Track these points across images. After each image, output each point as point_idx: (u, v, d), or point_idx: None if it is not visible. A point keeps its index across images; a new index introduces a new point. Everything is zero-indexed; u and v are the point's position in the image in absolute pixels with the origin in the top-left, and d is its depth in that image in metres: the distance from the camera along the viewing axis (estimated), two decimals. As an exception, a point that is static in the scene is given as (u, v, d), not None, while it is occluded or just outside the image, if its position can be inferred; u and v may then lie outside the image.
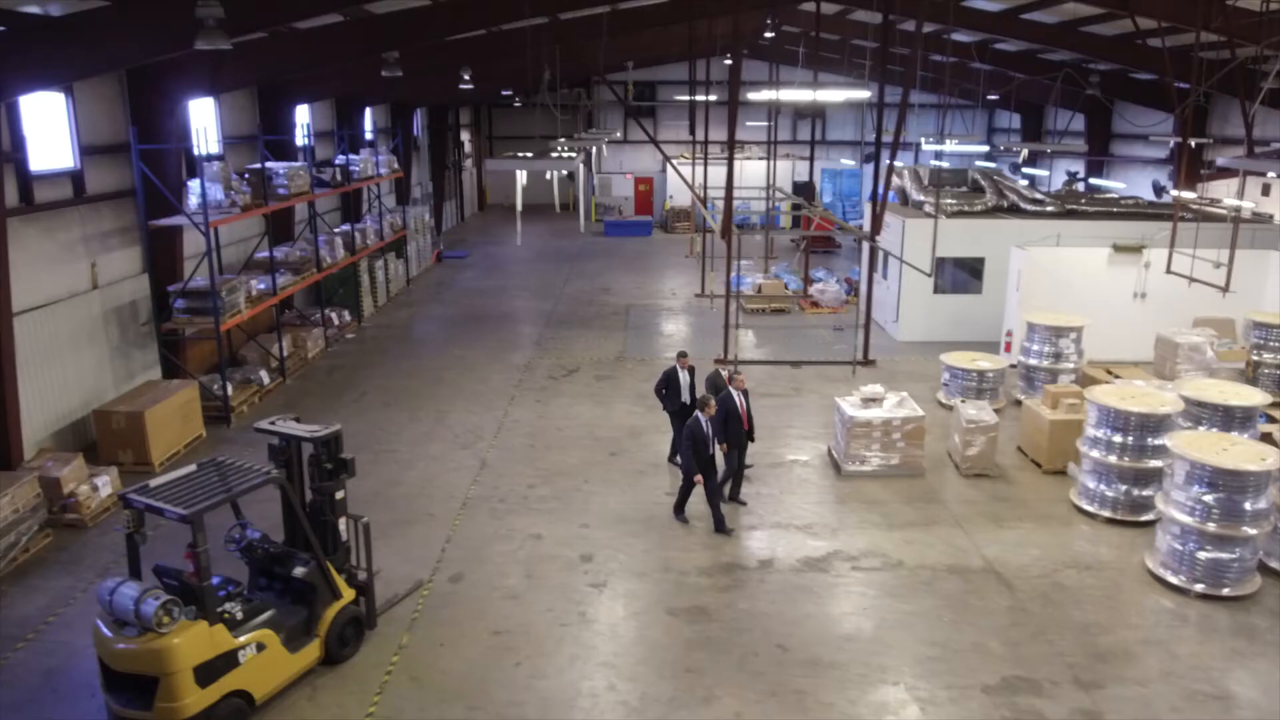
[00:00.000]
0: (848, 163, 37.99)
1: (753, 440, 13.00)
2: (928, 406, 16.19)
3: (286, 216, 20.51)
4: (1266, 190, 23.05)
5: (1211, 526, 10.47)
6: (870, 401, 13.67)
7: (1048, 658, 9.41)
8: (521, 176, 39.58)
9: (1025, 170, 32.00)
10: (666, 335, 21.75)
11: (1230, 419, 12.57)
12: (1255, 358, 16.91)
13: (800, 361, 19.00)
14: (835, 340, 20.94)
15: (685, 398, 13.46)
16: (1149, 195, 26.58)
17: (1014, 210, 21.43)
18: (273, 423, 9.70)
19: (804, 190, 36.91)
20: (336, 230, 21.98)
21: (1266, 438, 12.29)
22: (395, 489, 13.32)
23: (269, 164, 18.03)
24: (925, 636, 9.80)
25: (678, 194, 36.25)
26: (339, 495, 9.61)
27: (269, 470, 9.02)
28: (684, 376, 13.60)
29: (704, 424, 11.76)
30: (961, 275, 20.88)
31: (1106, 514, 12.37)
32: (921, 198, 21.50)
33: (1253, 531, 10.49)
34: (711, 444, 11.90)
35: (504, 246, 34.71)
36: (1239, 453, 10.70)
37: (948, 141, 24.89)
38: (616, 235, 35.93)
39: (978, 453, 13.55)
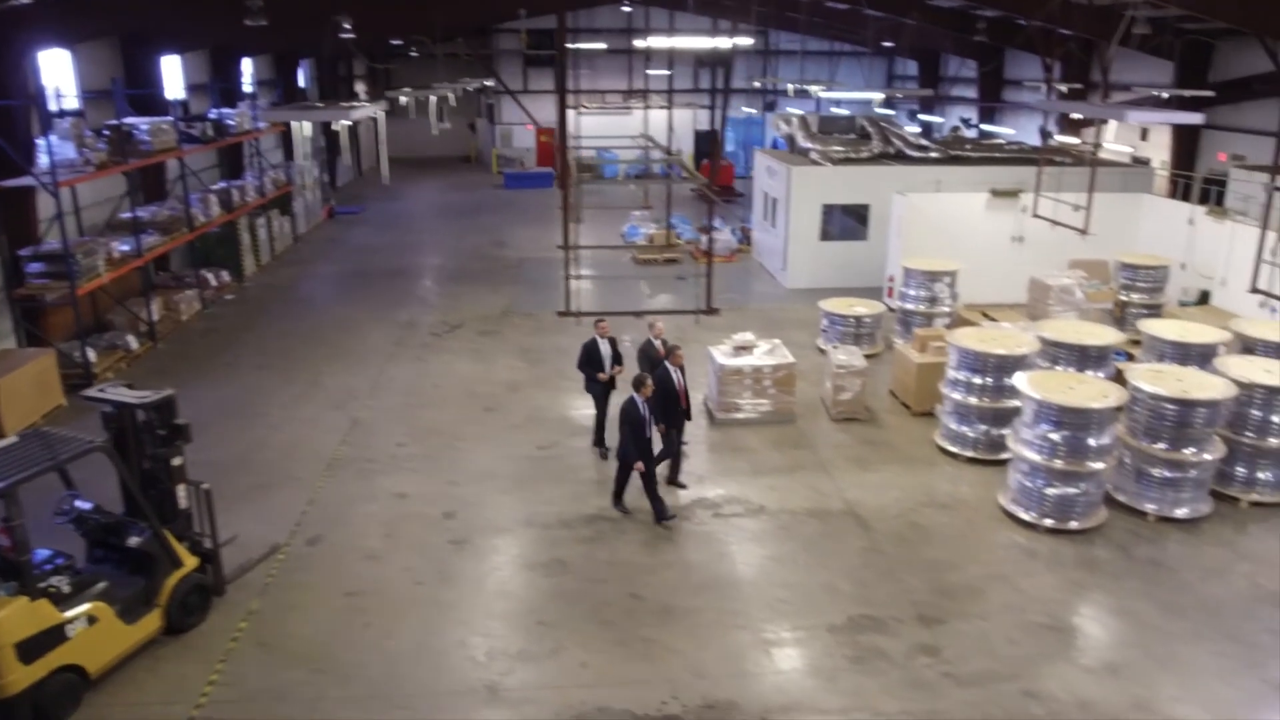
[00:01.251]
0: (749, 110, 37.91)
1: (689, 419, 12.00)
2: (808, 353, 16.41)
3: (157, 175, 19.65)
4: (1145, 135, 23.63)
5: (1058, 463, 10.76)
6: (741, 350, 13.70)
7: (895, 596, 9.62)
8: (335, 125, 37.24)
9: (921, 117, 32.29)
10: (557, 289, 21.48)
11: (1086, 358, 12.89)
12: (1124, 298, 17.39)
13: (642, 312, 18.92)
14: (679, 289, 20.76)
15: (609, 370, 12.56)
16: (1038, 141, 27.07)
17: (899, 157, 21.61)
18: (101, 390, 9.30)
19: (708, 139, 36.85)
20: (213, 188, 21.15)
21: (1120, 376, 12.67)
22: (261, 453, 12.99)
23: (130, 119, 17.23)
24: (779, 580, 9.94)
25: (586, 144, 35.75)
26: (175, 462, 9.28)
27: (93, 440, 8.66)
28: (604, 347, 12.56)
29: (640, 406, 10.83)
30: (849, 222, 21.03)
31: (969, 454, 12.66)
32: (809, 145, 21.53)
33: (1097, 466, 10.82)
34: (649, 426, 10.96)
35: (402, 201, 33.94)
36: (1084, 391, 10.99)
37: (833, 89, 24.90)
38: (516, 188, 35.33)
39: (848, 398, 13.72)
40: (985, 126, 28.90)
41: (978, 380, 12.44)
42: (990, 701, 8.11)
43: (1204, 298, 17.58)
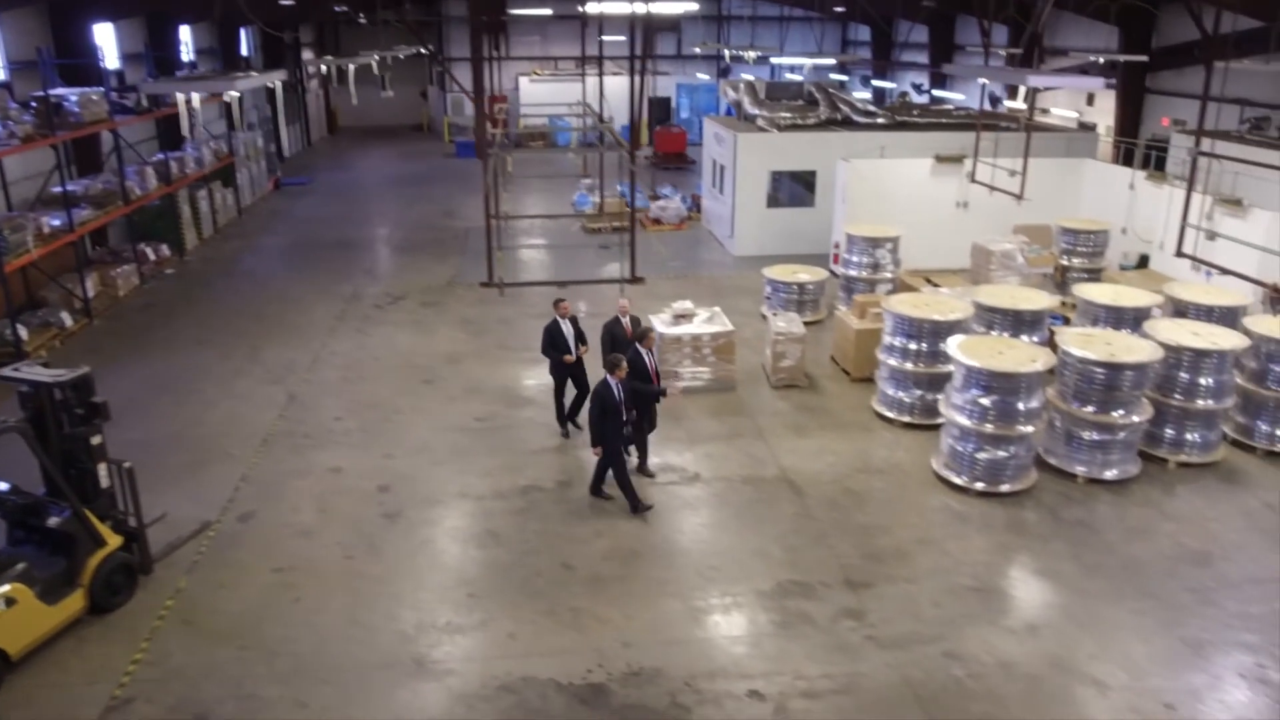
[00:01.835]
0: (703, 76, 37.68)
1: (658, 401, 11.52)
2: (753, 320, 16.44)
3: (91, 147, 19.19)
4: (1091, 100, 23.78)
5: (988, 427, 10.87)
6: (681, 318, 13.69)
7: (824, 561, 9.70)
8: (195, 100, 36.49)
9: (874, 83, 32.25)
10: (517, 257, 21.31)
11: (1020, 323, 13.00)
12: (1064, 262, 17.54)
13: (567, 282, 18.85)
14: (603, 258, 20.61)
15: (575, 351, 12.04)
16: (987, 106, 27.15)
17: (847, 123, 21.58)
18: (16, 369, 9.10)
19: (661, 106, 36.63)
20: (150, 160, 20.68)
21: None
22: (196, 429, 12.82)
23: (59, 90, 16.79)
24: (711, 547, 9.99)
25: (531, 111, 35.38)
26: (95, 440, 9.12)
27: (7, 420, 8.49)
28: (566, 327, 12.04)
29: (615, 389, 10.33)
30: (797, 189, 21.01)
31: (905, 419, 12.76)
32: (756, 112, 21.43)
33: (1027, 430, 10.95)
34: (625, 411, 10.47)
35: (351, 172, 33.47)
36: (1013, 356, 11.09)
37: (785, 55, 24.76)
38: (468, 156, 34.71)
39: (788, 365, 13.77)
40: (936, 92, 28.93)
41: (913, 346, 12.52)
42: (911, 663, 8.22)
43: (1143, 261, 17.80)
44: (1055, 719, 7.61)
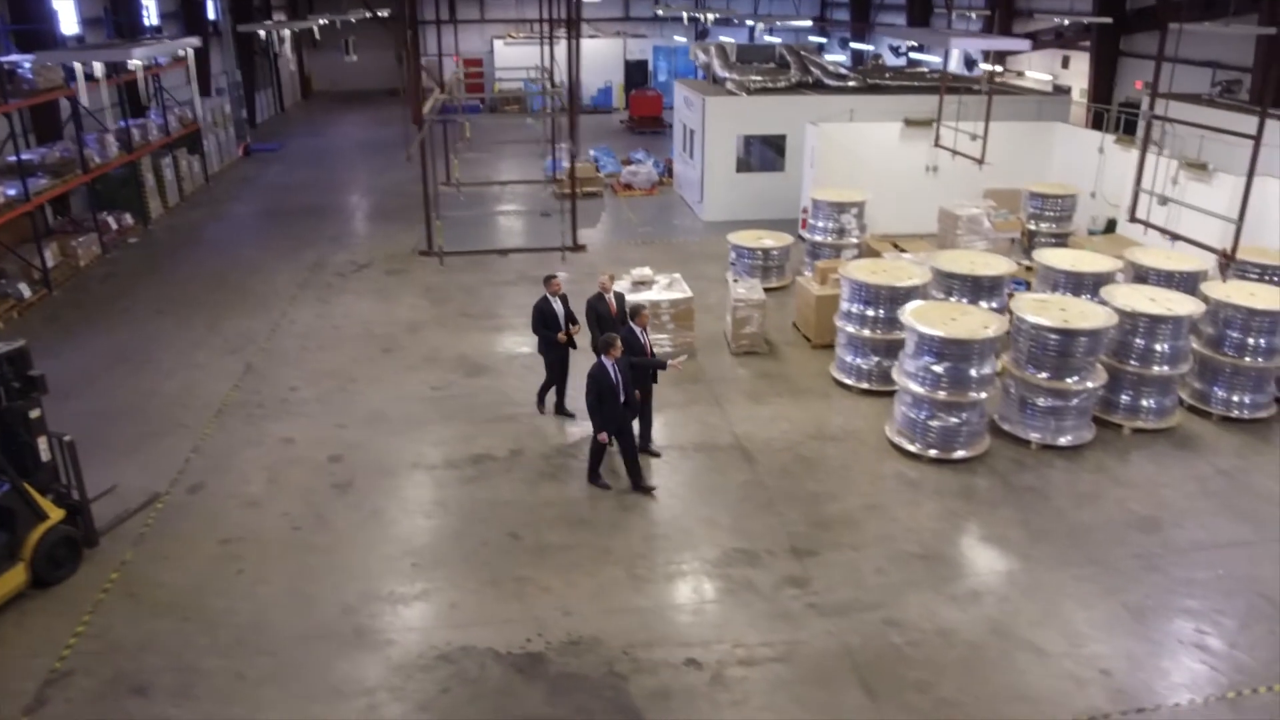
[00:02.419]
0: (680, 39, 37.23)
1: (655, 381, 11.12)
2: (717, 287, 16.33)
3: (51, 115, 18.88)
4: (1066, 63, 23.56)
5: (941, 394, 10.84)
6: (640, 284, 13.59)
7: (772, 529, 9.69)
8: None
9: (853, 45, 31.92)
10: (474, 226, 21.16)
11: (979, 289, 12.95)
12: (1032, 227, 17.47)
13: (506, 250, 18.68)
14: (544, 224, 20.38)
15: (562, 325, 11.62)
16: (964, 69, 26.89)
17: (818, 86, 21.36)
18: (-50, 343, 8.99)
19: (639, 69, 36.25)
20: (111, 127, 20.37)
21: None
22: (151, 400, 12.72)
23: (13, 57, 16.49)
24: (658, 515, 9.98)
25: (506, 75, 35.04)
26: (33, 414, 9.03)
27: (-63, 393, 8.39)
28: (556, 305, 11.58)
29: (610, 370, 9.90)
30: (767, 153, 20.83)
31: (863, 386, 12.72)
32: (726, 75, 21.19)
33: (979, 397, 10.92)
34: (621, 392, 10.03)
35: (323, 137, 33.08)
36: (966, 322, 11.03)
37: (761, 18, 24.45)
38: (442, 120, 34.37)
39: (748, 331, 13.70)
40: (915, 55, 28.63)
41: (870, 312, 12.46)
42: (851, 630, 8.23)
43: (1111, 226, 17.72)
44: (991, 686, 7.63)
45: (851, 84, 21.22)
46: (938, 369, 10.84)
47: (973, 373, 10.85)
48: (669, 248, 19.03)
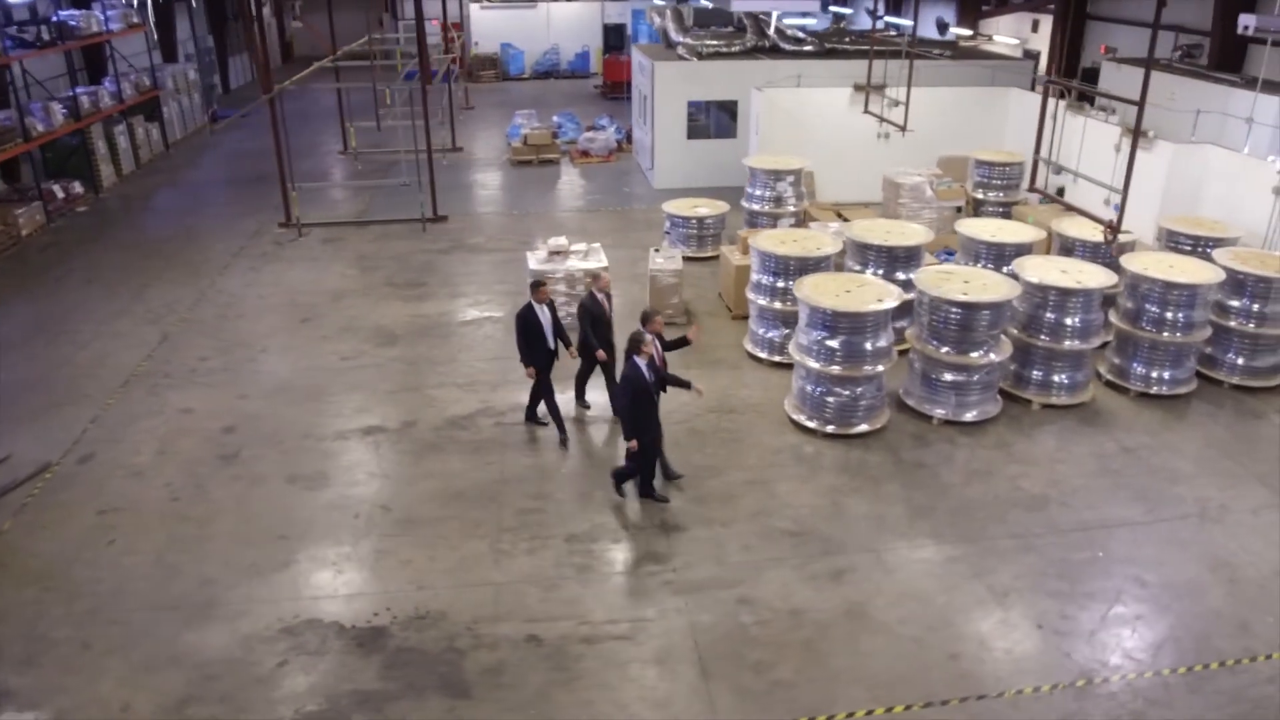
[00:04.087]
0: (660, 3, 36.60)
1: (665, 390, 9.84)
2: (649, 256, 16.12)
3: (-4, 82, 18.77)
4: (1035, 27, 23.02)
5: (835, 369, 10.65)
6: (555, 254, 13.43)
7: (644, 507, 9.58)
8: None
9: (832, 9, 31.23)
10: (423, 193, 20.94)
11: (894, 260, 12.71)
12: (980, 195, 17.12)
13: (367, 221, 18.45)
14: (404, 193, 19.74)
15: (550, 342, 10.68)
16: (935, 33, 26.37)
17: (773, 51, 20.95)
18: None
19: (617, 33, 35.76)
20: (62, 95, 20.27)
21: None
22: (61, 370, 12.71)
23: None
24: (536, 489, 9.90)
25: (483, 40, 34.66)
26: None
27: None
28: (543, 315, 10.62)
29: (644, 370, 9.19)
30: (723, 119, 20.50)
31: (775, 359, 12.54)
32: (680, 39, 20.82)
33: (875, 370, 10.73)
34: (656, 392, 9.42)
35: (297, 102, 32.59)
36: (860, 295, 10.82)
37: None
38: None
39: (669, 301, 13.52)
40: (890, 19, 28.04)
41: (780, 284, 12.26)
42: (701, 609, 8.14)
43: (1060, 194, 17.34)
44: (830, 669, 7.52)
45: (808, 49, 20.80)
46: (831, 343, 10.65)
47: (868, 346, 10.67)
48: (611, 215, 18.82)
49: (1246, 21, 14.12)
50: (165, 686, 7.41)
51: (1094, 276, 11.46)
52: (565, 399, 11.32)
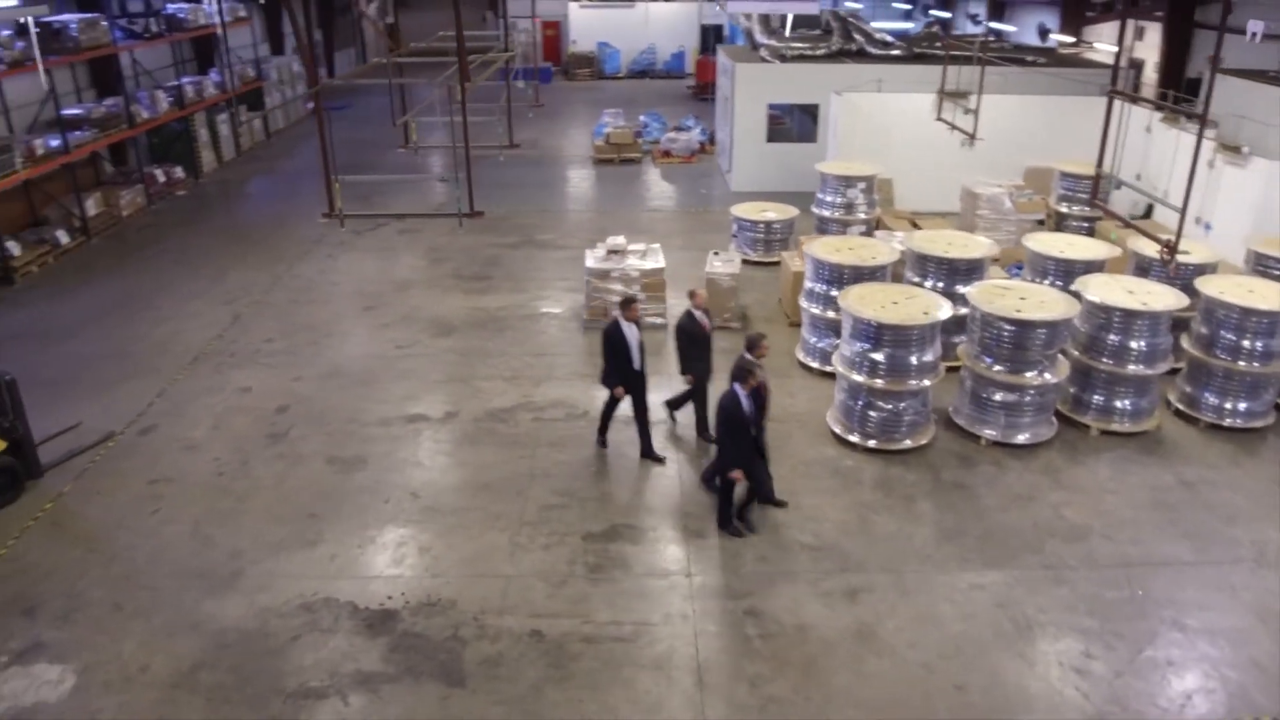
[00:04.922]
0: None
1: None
2: (717, 259, 16.03)
3: (107, 71, 19.76)
4: (1141, 34, 21.99)
5: (879, 382, 10.40)
6: (614, 253, 13.48)
7: (672, 508, 9.54)
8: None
9: (932, 13, 30.52)
10: (506, 188, 21.29)
11: (955, 272, 12.32)
12: (1063, 209, 16.46)
13: (405, 214, 18.54)
14: (445, 191, 19.96)
15: (636, 362, 10.26)
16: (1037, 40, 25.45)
17: (859, 54, 20.54)
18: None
19: (715, 34, 35.60)
20: (167, 85, 21.29)
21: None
22: (137, 345, 13.38)
23: (64, 16, 17.42)
24: (563, 486, 9.94)
25: (581, 38, 34.96)
26: (-28, 351, 9.65)
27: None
28: (631, 332, 10.17)
29: (744, 401, 8.75)
30: (805, 122, 20.22)
31: (826, 369, 12.28)
32: (765, 41, 20.60)
33: (920, 385, 10.43)
34: (754, 426, 8.94)
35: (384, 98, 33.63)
36: (907, 307, 10.53)
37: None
38: (521, 79, 34.62)
39: (727, 305, 13.41)
40: (993, 24, 27.21)
41: (833, 292, 12.01)
42: (706, 617, 8.06)
43: (1149, 212, 16.57)
44: (828, 689, 7.34)
45: (895, 52, 20.32)
46: (876, 356, 10.40)
47: (913, 360, 10.38)
48: (685, 216, 18.78)
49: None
50: (181, 651, 7.72)
51: (1161, 298, 10.89)
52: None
